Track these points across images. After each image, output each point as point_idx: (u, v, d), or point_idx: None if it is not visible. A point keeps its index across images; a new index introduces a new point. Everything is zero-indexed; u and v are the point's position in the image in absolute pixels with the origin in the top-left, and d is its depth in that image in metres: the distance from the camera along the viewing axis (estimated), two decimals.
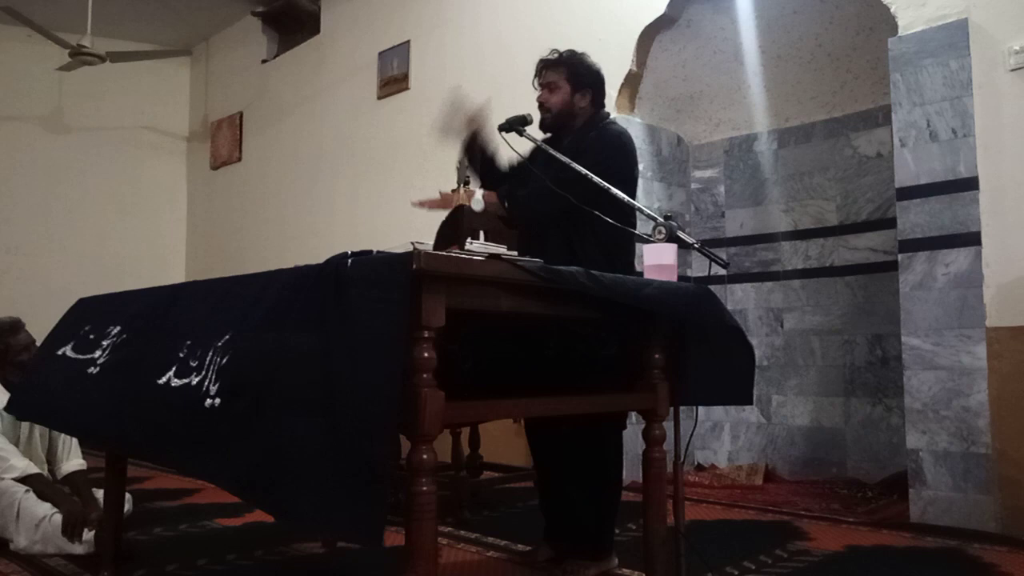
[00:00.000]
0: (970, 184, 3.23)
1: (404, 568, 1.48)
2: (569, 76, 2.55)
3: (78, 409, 1.98)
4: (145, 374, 1.74)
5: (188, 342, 1.69)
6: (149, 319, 1.96)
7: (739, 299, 4.76)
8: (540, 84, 2.60)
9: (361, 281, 1.46)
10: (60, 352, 2.10)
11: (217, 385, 1.55)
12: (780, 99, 4.67)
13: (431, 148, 5.47)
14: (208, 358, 1.60)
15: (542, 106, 2.58)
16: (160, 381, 1.67)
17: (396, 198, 5.75)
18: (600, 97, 2.62)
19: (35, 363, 2.23)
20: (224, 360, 1.57)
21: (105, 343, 2.01)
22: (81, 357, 2.03)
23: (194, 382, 1.60)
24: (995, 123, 3.21)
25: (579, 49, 2.63)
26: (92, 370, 1.97)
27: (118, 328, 2.01)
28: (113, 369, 1.92)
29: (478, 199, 2.49)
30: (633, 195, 2.38)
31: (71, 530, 2.72)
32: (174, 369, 1.66)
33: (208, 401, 1.55)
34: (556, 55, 2.59)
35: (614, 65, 4.40)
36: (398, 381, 1.39)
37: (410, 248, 1.47)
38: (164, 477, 4.62)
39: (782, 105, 4.68)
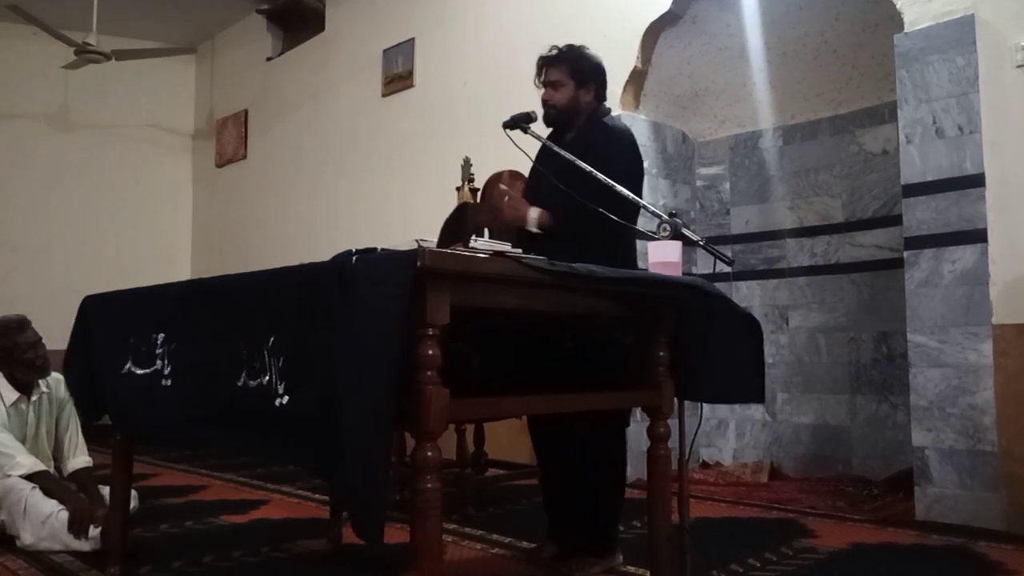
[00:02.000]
0: (976, 181, 3.22)
1: (409, 564, 1.48)
2: (572, 72, 2.54)
3: (162, 418, 2.03)
4: (226, 377, 1.77)
5: (241, 343, 1.71)
6: (186, 322, 1.99)
7: (744, 296, 4.75)
8: (543, 83, 2.58)
9: (366, 279, 1.46)
10: (125, 370, 2.14)
11: (283, 384, 1.58)
12: (785, 96, 4.65)
13: (435, 145, 5.48)
14: (267, 359, 1.63)
15: (546, 104, 2.57)
16: (239, 383, 1.71)
17: (400, 195, 5.76)
18: (603, 90, 2.61)
19: (103, 381, 2.26)
20: (281, 362, 1.60)
21: (159, 351, 2.05)
22: (147, 371, 2.07)
23: (264, 382, 1.63)
24: (1002, 120, 3.20)
25: (577, 43, 2.62)
26: (166, 382, 2.01)
27: (162, 335, 2.04)
28: (186, 377, 1.96)
29: (533, 219, 2.45)
30: (640, 193, 2.38)
31: (77, 527, 2.73)
32: (245, 371, 1.70)
33: (277, 400, 1.58)
34: (556, 51, 2.57)
35: (619, 62, 4.39)
36: (396, 378, 1.39)
37: (414, 246, 1.47)
38: (170, 474, 4.63)
39: (787, 102, 4.67)
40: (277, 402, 1.58)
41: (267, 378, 1.62)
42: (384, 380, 1.39)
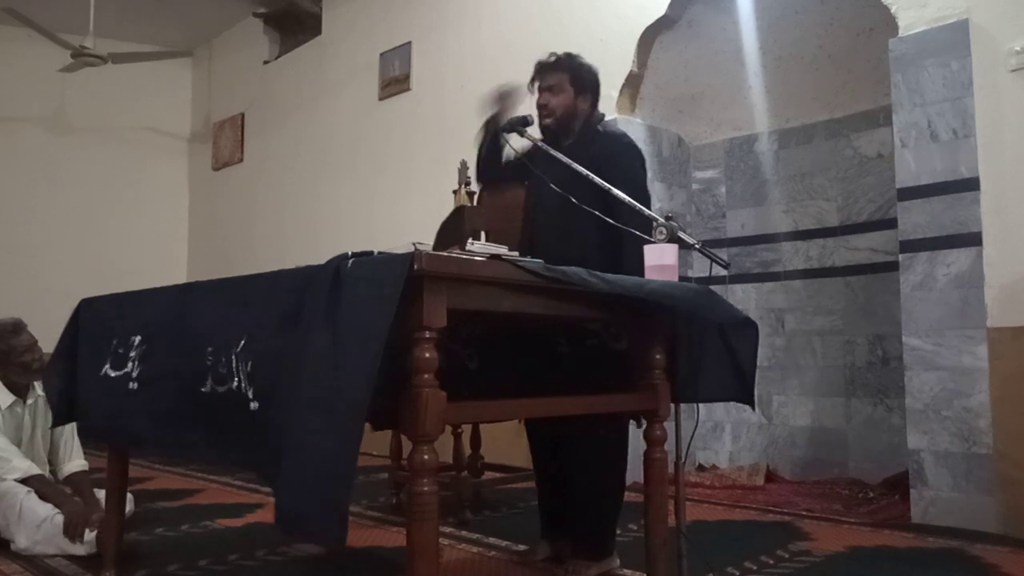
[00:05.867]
0: (971, 184, 3.23)
1: (405, 568, 1.48)
2: (572, 80, 2.54)
3: (133, 425, 2.03)
4: (187, 384, 1.77)
5: (209, 348, 1.71)
6: (164, 326, 1.99)
7: (740, 300, 4.76)
8: (540, 88, 2.58)
9: (360, 281, 1.46)
10: (103, 373, 2.14)
11: (252, 389, 1.58)
12: (781, 100, 4.66)
13: (432, 148, 5.49)
14: (234, 364, 1.63)
15: (543, 108, 2.56)
16: (204, 389, 1.71)
17: (397, 199, 5.76)
18: (597, 99, 2.62)
19: (82, 382, 2.27)
20: (248, 366, 1.59)
21: (132, 354, 2.05)
22: (119, 374, 2.08)
23: (234, 386, 1.63)
24: (996, 124, 3.21)
25: (580, 50, 2.63)
26: (132, 386, 2.02)
27: (138, 338, 2.05)
28: (151, 382, 1.96)
29: None
30: (648, 201, 2.40)
31: (73, 531, 2.73)
32: (211, 377, 1.69)
33: (252, 404, 1.58)
34: (554, 58, 2.58)
35: (615, 65, 4.40)
36: (373, 377, 1.39)
37: (411, 249, 1.47)
38: (165, 478, 4.62)
39: (783, 106, 4.68)
40: (252, 406, 1.58)
41: (236, 383, 1.62)
42: (362, 379, 1.39)
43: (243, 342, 1.62)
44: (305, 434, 1.42)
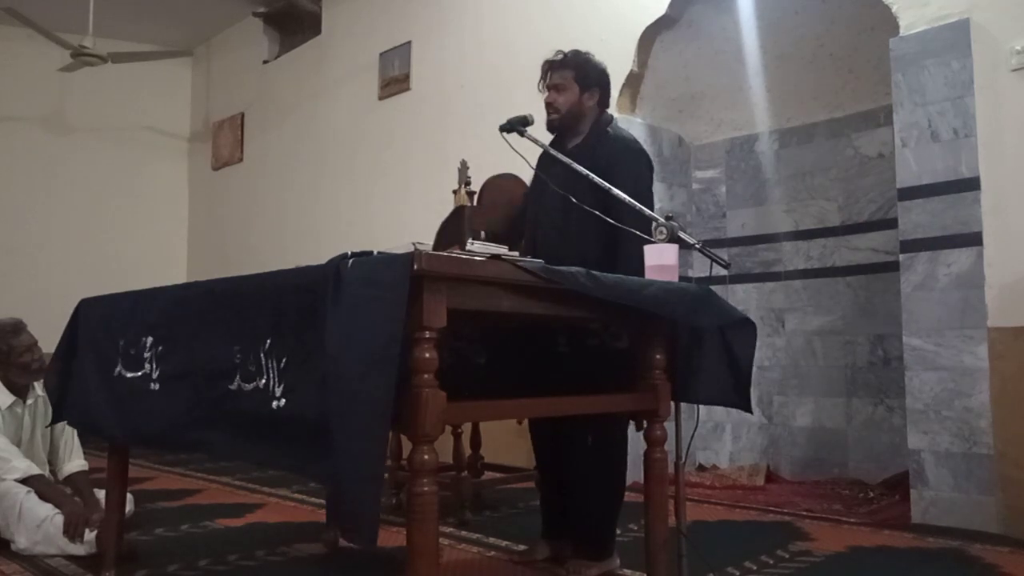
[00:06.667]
0: (972, 184, 3.22)
1: (405, 568, 1.48)
2: (577, 76, 2.55)
3: (150, 422, 2.03)
4: (213, 382, 1.77)
5: (236, 347, 1.71)
6: (177, 326, 1.98)
7: (740, 300, 4.76)
8: (547, 86, 2.59)
9: (360, 280, 1.46)
10: (116, 374, 2.14)
11: (282, 386, 1.59)
12: (782, 99, 4.66)
13: (432, 148, 5.49)
14: (264, 362, 1.64)
15: (550, 106, 2.57)
16: (232, 387, 1.71)
17: (397, 199, 5.76)
18: (606, 97, 2.62)
19: (90, 384, 2.27)
20: (282, 364, 1.60)
21: (147, 355, 2.05)
22: (137, 375, 2.08)
23: (261, 385, 1.63)
24: (996, 123, 3.21)
25: (581, 49, 2.63)
26: (153, 386, 2.01)
27: (151, 339, 2.05)
28: (173, 382, 1.96)
29: None
30: (651, 204, 2.40)
31: (72, 531, 2.72)
32: (239, 375, 1.70)
33: (274, 403, 1.59)
34: (561, 56, 2.58)
35: (615, 65, 4.34)
36: (393, 379, 1.39)
37: (411, 248, 1.47)
38: (165, 478, 4.62)
39: (783, 105, 4.68)
40: (274, 404, 1.59)
41: (264, 380, 1.62)
42: (380, 382, 1.39)
43: (269, 341, 1.63)
44: (332, 435, 1.42)
